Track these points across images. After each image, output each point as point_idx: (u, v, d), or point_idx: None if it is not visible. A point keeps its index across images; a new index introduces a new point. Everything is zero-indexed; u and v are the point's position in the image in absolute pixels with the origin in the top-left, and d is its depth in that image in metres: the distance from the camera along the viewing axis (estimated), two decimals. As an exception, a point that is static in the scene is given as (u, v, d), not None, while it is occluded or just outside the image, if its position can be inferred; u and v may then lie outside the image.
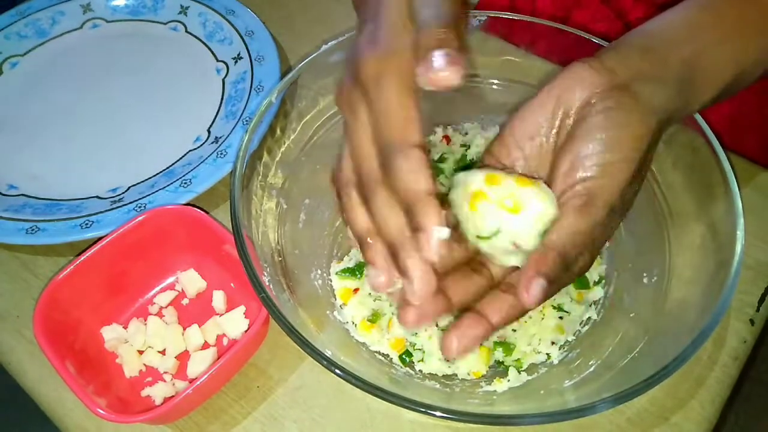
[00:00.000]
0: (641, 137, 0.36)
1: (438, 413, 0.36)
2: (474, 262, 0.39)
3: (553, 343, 0.48)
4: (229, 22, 0.72)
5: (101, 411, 0.42)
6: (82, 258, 0.49)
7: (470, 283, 0.38)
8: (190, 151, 0.63)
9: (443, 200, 0.35)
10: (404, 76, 0.34)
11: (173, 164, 0.62)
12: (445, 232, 0.33)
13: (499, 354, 0.48)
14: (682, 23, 0.39)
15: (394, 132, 0.34)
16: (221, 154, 0.60)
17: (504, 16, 0.53)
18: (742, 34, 0.40)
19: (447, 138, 0.59)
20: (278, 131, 0.51)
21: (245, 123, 0.63)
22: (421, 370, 0.48)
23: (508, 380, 0.47)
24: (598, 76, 0.36)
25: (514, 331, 0.49)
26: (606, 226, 0.36)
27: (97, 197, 0.60)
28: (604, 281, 0.51)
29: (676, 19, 0.40)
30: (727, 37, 0.39)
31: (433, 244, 0.33)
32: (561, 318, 0.49)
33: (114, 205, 0.57)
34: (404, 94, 0.34)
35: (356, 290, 0.51)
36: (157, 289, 0.54)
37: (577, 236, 0.35)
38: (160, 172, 0.61)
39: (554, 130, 0.38)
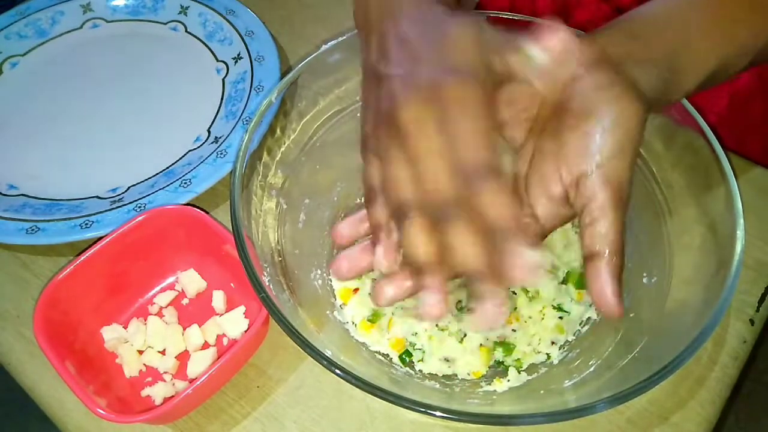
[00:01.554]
0: (642, 113, 0.35)
1: (438, 413, 0.36)
2: None
3: (553, 343, 0.48)
4: (229, 22, 0.72)
5: (101, 411, 0.42)
6: (82, 258, 0.49)
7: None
8: (190, 151, 0.63)
9: None
10: (475, 102, 0.32)
11: (173, 164, 0.62)
12: (536, 256, 0.31)
13: (499, 354, 0.48)
14: (669, 11, 0.39)
15: (471, 157, 0.31)
16: (221, 154, 0.60)
17: (504, 16, 0.53)
18: (728, 25, 0.40)
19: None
20: (278, 131, 0.51)
21: (245, 123, 0.63)
22: (421, 370, 0.48)
23: (508, 380, 0.47)
24: (588, 48, 0.36)
25: (514, 331, 0.49)
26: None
27: (97, 197, 0.60)
28: (604, 281, 0.51)
29: (663, 7, 0.40)
30: (714, 27, 0.39)
31: (528, 269, 0.31)
32: (561, 318, 0.49)
33: (114, 205, 0.57)
34: (480, 119, 0.32)
35: (356, 290, 0.51)
36: (157, 289, 0.54)
37: (623, 228, 0.35)
38: (160, 172, 0.61)
39: (538, 102, 0.37)
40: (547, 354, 0.48)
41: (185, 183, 0.58)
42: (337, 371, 0.37)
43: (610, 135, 0.34)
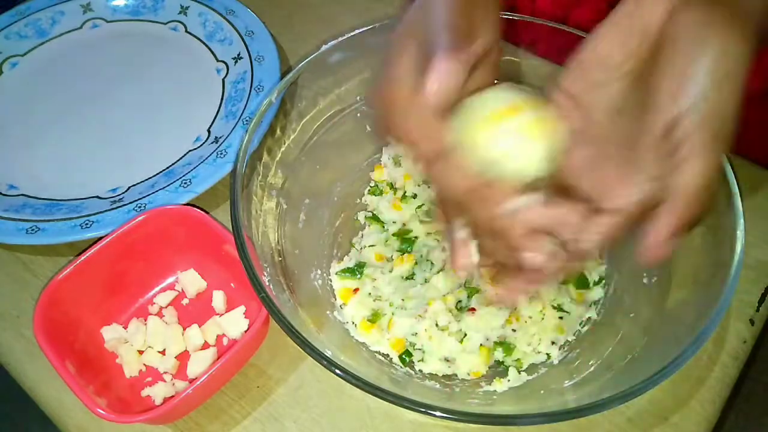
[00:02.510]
0: (744, 46, 0.31)
1: (438, 413, 0.36)
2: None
3: (553, 343, 0.48)
4: (229, 22, 0.72)
5: (101, 411, 0.42)
6: (82, 258, 0.49)
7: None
8: (190, 151, 0.63)
9: None
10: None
11: (173, 164, 0.62)
12: (540, 258, 0.36)
13: (499, 354, 0.48)
14: None
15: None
16: (221, 154, 0.60)
17: (504, 16, 0.53)
18: None
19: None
20: (278, 131, 0.51)
21: (245, 123, 0.63)
22: (421, 370, 0.48)
23: (508, 380, 0.47)
24: None
25: (514, 331, 0.49)
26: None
27: (97, 197, 0.60)
28: (604, 281, 0.51)
29: None
30: None
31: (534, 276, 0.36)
32: (561, 318, 0.49)
33: (114, 205, 0.57)
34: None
35: (356, 290, 0.51)
36: (157, 289, 0.54)
37: (715, 176, 0.31)
38: (160, 172, 0.61)
39: (633, 54, 0.33)
40: (547, 354, 0.48)
41: (185, 183, 0.58)
42: (337, 371, 0.37)
43: (709, 70, 0.30)
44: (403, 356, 0.48)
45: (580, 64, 0.36)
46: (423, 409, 0.36)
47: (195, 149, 0.63)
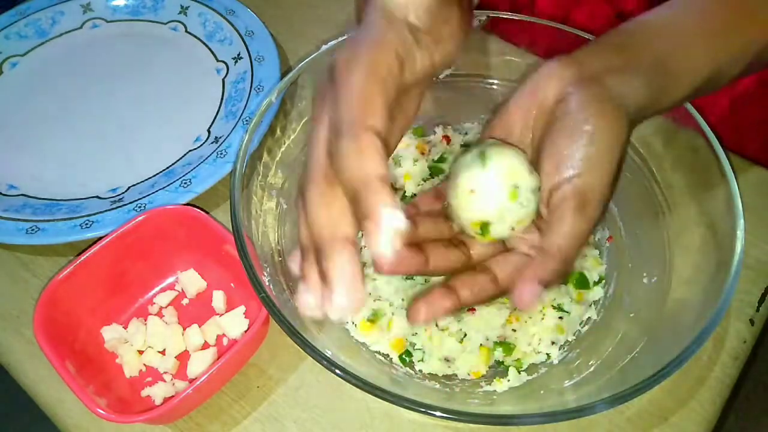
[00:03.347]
0: (619, 127, 0.36)
1: (438, 413, 0.36)
2: (455, 240, 0.40)
3: (553, 343, 0.48)
4: (229, 22, 0.72)
5: (101, 411, 0.42)
6: (82, 258, 0.49)
7: (449, 254, 0.39)
8: (190, 151, 0.63)
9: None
10: (374, 64, 0.32)
11: (173, 164, 0.62)
12: (399, 219, 0.28)
13: (499, 354, 0.48)
14: (662, 20, 0.40)
15: (346, 115, 0.31)
16: (221, 154, 0.60)
17: (504, 16, 0.53)
18: (722, 32, 0.40)
19: (447, 138, 0.59)
20: (278, 131, 0.51)
21: (245, 123, 0.63)
22: (421, 370, 0.48)
23: (508, 380, 0.47)
24: (567, 69, 0.37)
25: (514, 331, 0.49)
26: (599, 222, 0.36)
27: (97, 197, 0.60)
28: (604, 281, 0.51)
29: (657, 16, 0.40)
30: (707, 34, 0.39)
31: (384, 232, 0.29)
32: (561, 318, 0.49)
33: (114, 205, 0.57)
34: (369, 81, 0.32)
35: (356, 290, 0.51)
36: (157, 289, 0.54)
37: (580, 239, 0.35)
38: (160, 172, 0.61)
39: (531, 128, 0.38)
40: (547, 354, 0.48)
41: (185, 183, 0.58)
42: (337, 371, 0.37)
43: (585, 150, 0.35)
44: (403, 356, 0.48)
45: (492, 135, 0.40)
46: (423, 409, 0.36)
47: (195, 149, 0.63)
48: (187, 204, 0.54)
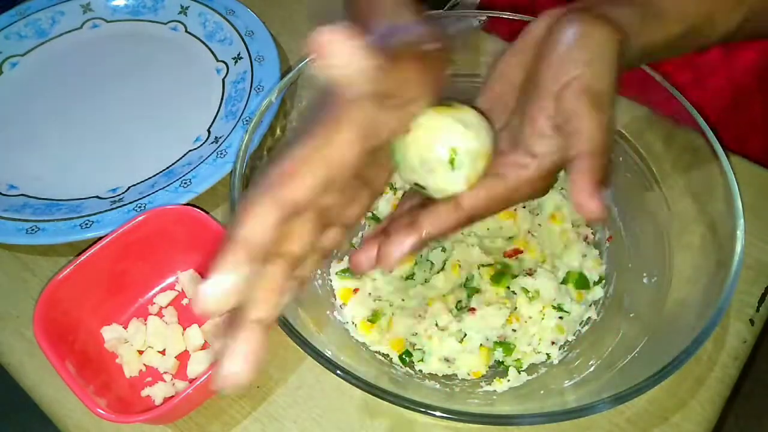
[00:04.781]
0: (613, 37, 0.36)
1: (438, 413, 0.36)
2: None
3: (553, 343, 0.48)
4: (229, 22, 0.72)
5: (101, 411, 0.42)
6: (82, 258, 0.49)
7: (438, 211, 0.36)
8: (190, 151, 0.63)
9: None
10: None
11: (173, 164, 0.62)
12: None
13: (499, 354, 0.48)
14: None
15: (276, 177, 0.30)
16: (221, 154, 0.60)
17: (504, 16, 0.53)
18: None
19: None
20: (278, 131, 0.51)
21: (245, 123, 0.63)
22: (421, 370, 0.48)
23: (508, 380, 0.47)
24: (556, 9, 0.38)
25: (514, 331, 0.49)
26: (614, 122, 0.36)
27: (97, 197, 0.60)
28: (604, 281, 0.51)
29: None
30: None
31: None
32: (561, 318, 0.49)
33: (114, 205, 0.57)
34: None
35: (356, 290, 0.51)
36: (157, 289, 0.54)
37: (607, 128, 0.35)
38: (160, 172, 0.61)
39: (526, 69, 0.38)
40: (547, 354, 0.48)
41: (185, 183, 0.58)
42: (337, 371, 0.37)
43: (579, 51, 0.35)
44: (403, 356, 0.48)
45: (492, 88, 0.40)
46: (423, 409, 0.36)
47: (195, 149, 0.63)
48: (187, 204, 0.54)
